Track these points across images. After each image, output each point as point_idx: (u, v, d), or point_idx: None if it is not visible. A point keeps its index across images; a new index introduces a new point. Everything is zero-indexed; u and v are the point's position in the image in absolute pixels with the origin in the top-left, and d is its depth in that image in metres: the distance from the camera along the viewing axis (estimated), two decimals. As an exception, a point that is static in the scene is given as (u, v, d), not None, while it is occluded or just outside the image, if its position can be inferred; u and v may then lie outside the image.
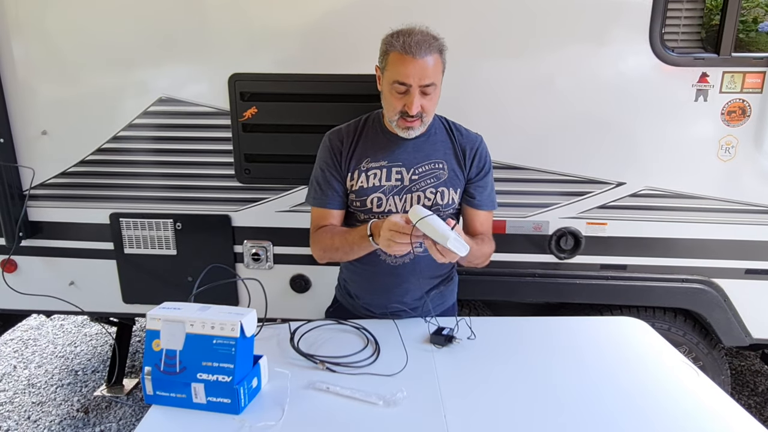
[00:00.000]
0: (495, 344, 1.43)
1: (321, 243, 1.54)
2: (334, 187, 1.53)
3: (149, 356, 1.15)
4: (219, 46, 2.01)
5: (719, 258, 2.06)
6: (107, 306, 2.35)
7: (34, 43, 2.06)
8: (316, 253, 1.56)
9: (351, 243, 1.46)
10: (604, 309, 2.18)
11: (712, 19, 1.94)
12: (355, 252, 1.48)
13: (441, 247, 1.26)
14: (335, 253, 1.52)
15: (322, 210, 1.55)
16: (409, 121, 1.42)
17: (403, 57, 1.35)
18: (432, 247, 1.29)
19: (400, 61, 1.36)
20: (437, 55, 1.38)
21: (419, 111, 1.39)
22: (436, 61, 1.37)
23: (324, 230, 1.54)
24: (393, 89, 1.39)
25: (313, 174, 1.58)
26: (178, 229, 2.19)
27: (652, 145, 1.97)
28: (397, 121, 1.44)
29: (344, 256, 1.53)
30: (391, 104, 1.42)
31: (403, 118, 1.42)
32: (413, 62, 1.34)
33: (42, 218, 2.23)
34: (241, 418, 1.11)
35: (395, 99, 1.41)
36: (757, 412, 2.82)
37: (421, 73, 1.35)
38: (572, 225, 2.07)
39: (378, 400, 1.16)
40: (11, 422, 2.77)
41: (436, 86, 1.40)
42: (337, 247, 1.50)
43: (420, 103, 1.38)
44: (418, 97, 1.37)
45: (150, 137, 2.11)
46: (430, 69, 1.36)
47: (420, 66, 1.35)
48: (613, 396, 1.21)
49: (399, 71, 1.36)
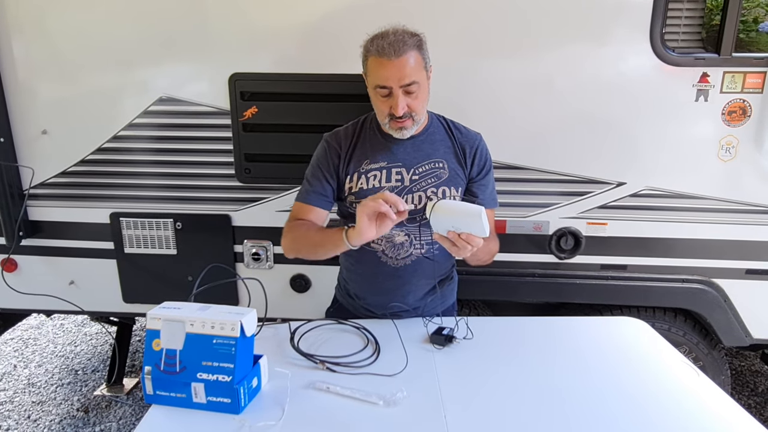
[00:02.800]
0: (495, 344, 1.43)
1: (293, 233, 1.50)
2: (322, 186, 1.52)
3: (149, 356, 1.15)
4: (219, 45, 2.01)
5: (719, 258, 2.06)
6: (107, 305, 2.35)
7: (34, 43, 2.06)
8: (285, 244, 1.51)
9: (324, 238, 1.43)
10: (604, 309, 2.18)
11: (712, 19, 1.94)
12: (326, 248, 1.43)
13: (466, 235, 1.25)
14: (304, 244, 1.48)
15: (303, 205, 1.53)
16: (399, 122, 1.42)
17: (379, 60, 1.35)
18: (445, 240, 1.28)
19: (378, 65, 1.36)
20: (415, 52, 1.37)
21: (406, 111, 1.39)
22: (415, 58, 1.36)
23: (300, 222, 1.51)
24: (377, 93, 1.40)
25: (306, 171, 1.56)
26: (178, 229, 2.19)
27: (652, 145, 1.97)
28: (388, 124, 1.44)
29: (312, 249, 1.48)
30: (379, 108, 1.43)
31: (393, 120, 1.42)
32: (390, 64, 1.34)
33: (42, 218, 2.23)
34: (241, 418, 1.11)
35: (381, 103, 1.41)
36: (757, 412, 2.82)
37: (399, 73, 1.35)
38: (572, 225, 2.07)
39: (378, 400, 1.16)
40: (11, 421, 2.78)
41: (420, 83, 1.39)
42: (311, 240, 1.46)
43: (405, 104, 1.38)
44: (402, 98, 1.37)
45: (150, 137, 2.11)
46: (408, 68, 1.35)
47: (397, 67, 1.34)
48: (613, 396, 1.21)
49: (378, 75, 1.37)
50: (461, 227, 1.25)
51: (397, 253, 1.53)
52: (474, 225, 1.23)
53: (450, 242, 1.29)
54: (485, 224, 1.23)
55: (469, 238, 1.26)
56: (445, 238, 1.29)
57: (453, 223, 1.25)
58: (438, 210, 1.27)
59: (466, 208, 1.25)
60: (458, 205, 1.26)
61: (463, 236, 1.26)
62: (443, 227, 1.28)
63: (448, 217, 1.26)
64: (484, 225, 1.22)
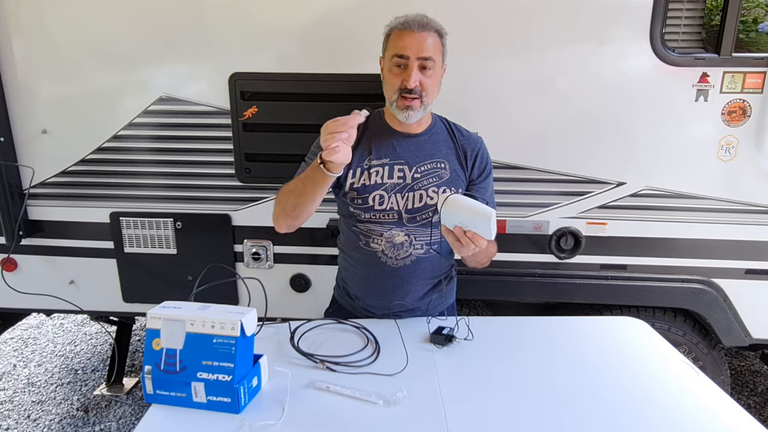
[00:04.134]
0: (495, 344, 1.43)
1: (277, 198, 1.47)
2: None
3: (149, 355, 1.15)
4: (219, 45, 2.01)
5: (719, 258, 2.06)
6: (107, 305, 2.35)
7: (34, 42, 2.06)
8: (274, 215, 1.48)
9: (303, 179, 1.38)
10: (604, 309, 2.18)
11: (712, 20, 1.94)
12: (308, 190, 1.37)
13: (471, 233, 1.25)
14: (288, 197, 1.42)
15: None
16: (408, 98, 1.41)
17: (402, 32, 1.40)
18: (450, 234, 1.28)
19: (399, 36, 1.40)
20: (436, 35, 1.41)
21: (418, 88, 1.40)
22: (434, 39, 1.40)
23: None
24: (392, 65, 1.41)
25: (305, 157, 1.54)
26: (178, 228, 2.19)
27: (652, 145, 1.97)
28: (396, 102, 1.43)
29: (297, 199, 1.40)
30: (390, 83, 1.43)
31: (402, 97, 1.41)
32: (411, 35, 1.38)
33: (42, 217, 2.23)
34: (241, 418, 1.11)
35: (394, 76, 1.41)
36: (757, 412, 2.82)
37: (419, 45, 1.38)
38: (572, 225, 2.07)
39: (378, 399, 1.16)
40: (11, 421, 2.77)
41: (436, 64, 1.41)
42: (291, 190, 1.41)
43: (418, 79, 1.39)
44: (416, 71, 1.39)
45: (150, 136, 2.11)
46: (428, 43, 1.39)
47: (418, 38, 1.38)
48: (613, 395, 1.21)
49: (397, 45, 1.40)
50: (469, 225, 1.25)
51: (397, 253, 1.53)
52: (482, 225, 1.23)
53: (454, 237, 1.29)
54: (493, 227, 1.23)
55: (474, 237, 1.26)
56: (450, 232, 1.29)
57: (462, 220, 1.25)
58: (450, 204, 1.27)
59: (478, 208, 1.25)
60: (471, 203, 1.26)
61: (469, 234, 1.26)
62: (451, 221, 1.28)
63: (459, 212, 1.26)
64: (492, 228, 1.23)
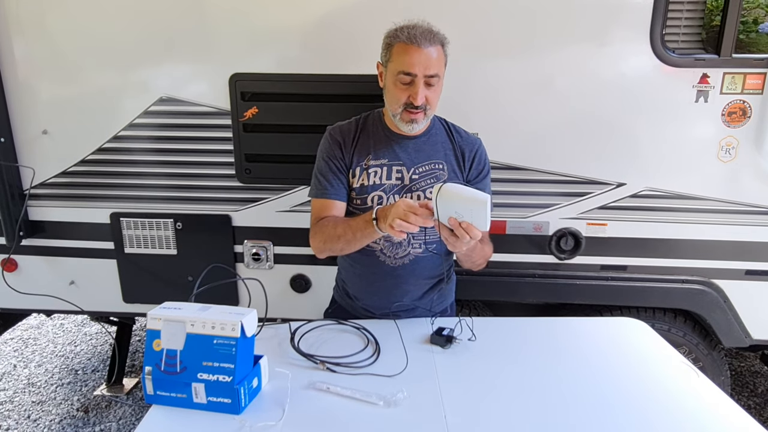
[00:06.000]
0: (495, 345, 1.43)
1: (321, 233, 1.47)
2: (337, 177, 1.51)
3: (150, 356, 1.15)
4: (220, 45, 2.01)
5: (719, 259, 2.06)
6: (107, 305, 2.35)
7: (34, 43, 2.06)
8: (315, 245, 1.50)
9: (354, 229, 1.40)
10: (604, 309, 2.18)
11: (712, 20, 1.94)
12: (357, 240, 1.41)
13: (466, 224, 1.22)
14: (336, 242, 1.44)
15: (323, 201, 1.51)
16: (414, 113, 1.42)
17: (407, 47, 1.37)
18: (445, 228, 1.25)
19: (405, 51, 1.37)
20: (440, 47, 1.40)
21: (424, 103, 1.40)
22: (439, 52, 1.39)
23: (325, 220, 1.48)
24: (398, 81, 1.40)
25: (315, 167, 1.55)
26: (178, 229, 2.19)
27: (652, 146, 1.97)
28: (400, 115, 1.43)
29: (346, 245, 1.44)
30: (395, 96, 1.42)
31: (407, 111, 1.42)
32: (418, 51, 1.36)
33: (42, 218, 2.23)
34: (241, 418, 1.11)
35: (399, 90, 1.41)
36: (757, 413, 2.82)
37: (426, 62, 1.37)
38: (572, 225, 2.07)
39: (378, 400, 1.16)
40: (11, 421, 2.78)
41: (440, 78, 1.41)
42: (339, 235, 1.42)
43: (424, 95, 1.39)
44: (422, 88, 1.38)
45: (150, 137, 2.11)
46: (434, 59, 1.38)
47: (425, 56, 1.36)
48: (613, 396, 1.21)
49: (404, 61, 1.37)
50: (464, 214, 1.23)
51: (395, 252, 1.53)
52: (478, 212, 1.21)
53: (448, 231, 1.25)
54: (488, 215, 1.22)
55: (468, 228, 1.23)
56: (444, 227, 1.25)
57: (457, 209, 1.23)
58: (445, 192, 1.23)
59: (473, 194, 1.23)
60: (465, 190, 1.24)
61: (464, 225, 1.23)
62: (446, 212, 1.24)
63: (454, 200, 1.23)
64: (487, 215, 1.22)
